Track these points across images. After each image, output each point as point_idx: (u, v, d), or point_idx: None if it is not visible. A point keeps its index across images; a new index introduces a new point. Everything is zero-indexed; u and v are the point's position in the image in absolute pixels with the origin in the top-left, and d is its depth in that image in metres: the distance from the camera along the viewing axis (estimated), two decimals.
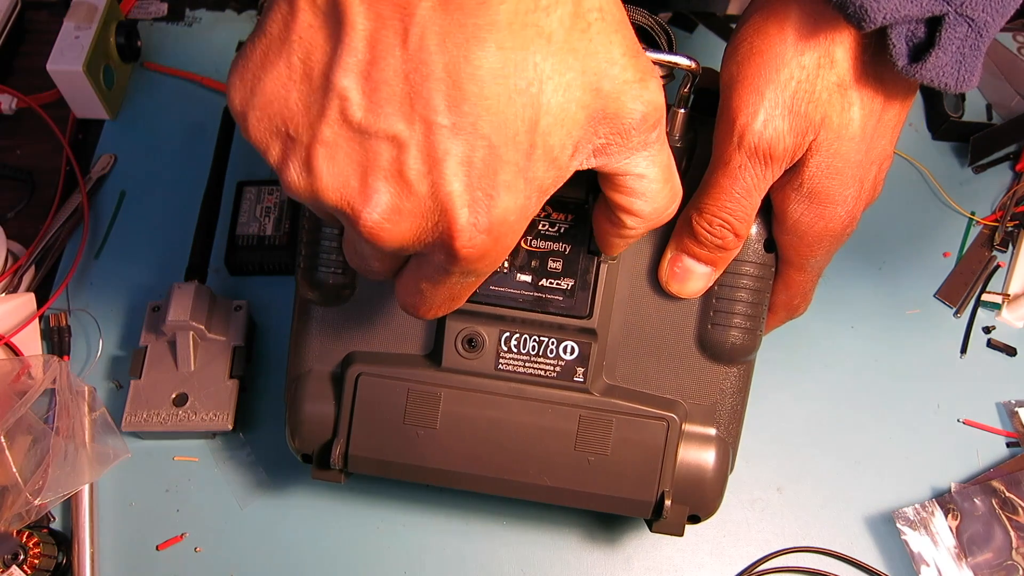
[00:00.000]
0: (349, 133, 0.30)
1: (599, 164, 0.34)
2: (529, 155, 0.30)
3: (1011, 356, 0.61)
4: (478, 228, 0.31)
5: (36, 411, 0.54)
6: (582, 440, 0.45)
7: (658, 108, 0.33)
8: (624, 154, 0.34)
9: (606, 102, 0.31)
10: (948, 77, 0.38)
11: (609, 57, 0.31)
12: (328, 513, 0.56)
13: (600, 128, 0.32)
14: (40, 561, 0.52)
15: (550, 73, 0.30)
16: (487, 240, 0.31)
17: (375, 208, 0.30)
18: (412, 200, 0.30)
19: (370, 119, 0.29)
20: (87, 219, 0.65)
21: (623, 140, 0.33)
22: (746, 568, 0.55)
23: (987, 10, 0.38)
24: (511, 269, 0.45)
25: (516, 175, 0.30)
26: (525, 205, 0.31)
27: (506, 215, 0.31)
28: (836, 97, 0.40)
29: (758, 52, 0.41)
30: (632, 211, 0.36)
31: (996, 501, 0.55)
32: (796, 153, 0.41)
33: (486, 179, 0.30)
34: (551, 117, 0.30)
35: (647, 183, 0.35)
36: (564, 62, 0.30)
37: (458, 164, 0.30)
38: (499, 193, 0.30)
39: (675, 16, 0.75)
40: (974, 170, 0.68)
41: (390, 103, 0.29)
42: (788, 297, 0.47)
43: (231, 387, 0.58)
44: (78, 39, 0.67)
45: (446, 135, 0.29)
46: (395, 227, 0.31)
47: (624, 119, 0.32)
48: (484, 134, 0.29)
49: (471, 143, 0.29)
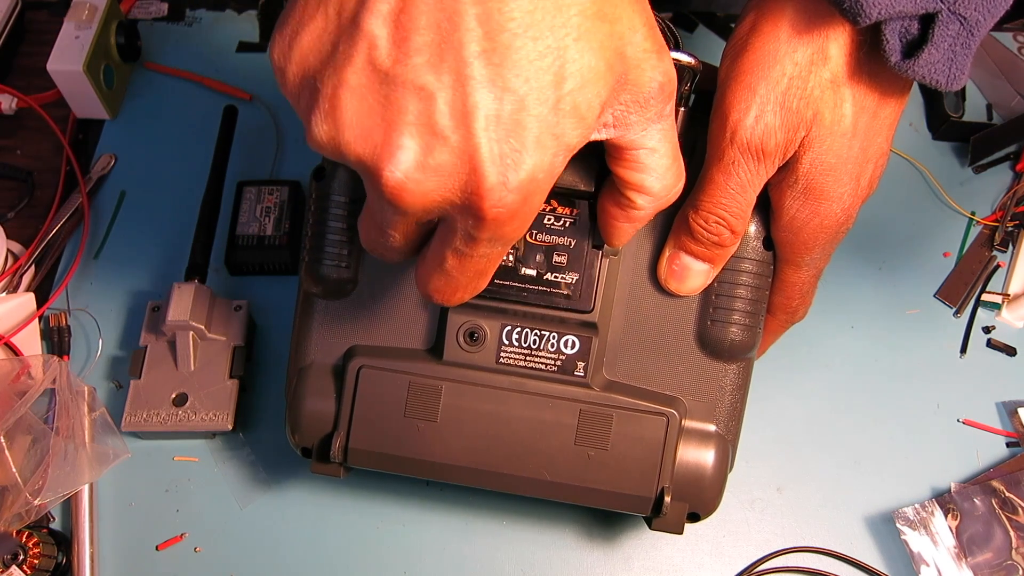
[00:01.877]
0: (376, 81, 0.29)
1: (617, 135, 0.34)
2: (557, 111, 0.30)
3: (1011, 356, 0.61)
4: (507, 187, 0.30)
5: (36, 411, 0.54)
6: (582, 434, 0.45)
7: (673, 80, 0.34)
8: (641, 124, 0.34)
9: (628, 68, 0.32)
10: (939, 74, 0.39)
11: (632, 24, 0.31)
12: (328, 513, 0.56)
13: (622, 94, 0.33)
14: (40, 561, 0.52)
15: (580, 32, 0.30)
16: (516, 199, 0.30)
17: (399, 164, 0.29)
18: (439, 156, 0.29)
19: (398, 68, 0.28)
20: (87, 219, 0.65)
21: (641, 109, 0.33)
22: (746, 568, 0.55)
23: (979, 9, 0.38)
24: (516, 263, 0.45)
25: (545, 132, 0.30)
26: (552, 163, 0.31)
27: (535, 173, 0.30)
28: (829, 93, 0.41)
29: (752, 49, 0.41)
30: (643, 188, 0.37)
31: (996, 501, 0.55)
32: (788, 149, 0.41)
33: (515, 135, 0.29)
34: (579, 76, 0.30)
35: (658, 158, 0.36)
36: (593, 23, 0.30)
37: (487, 118, 0.29)
38: (528, 150, 0.30)
39: (675, 16, 0.75)
40: (974, 170, 0.68)
41: (420, 52, 0.28)
42: (786, 297, 0.47)
43: (231, 387, 0.58)
44: (78, 39, 0.67)
45: (476, 87, 0.28)
46: (419, 186, 0.30)
47: (644, 87, 0.33)
48: (513, 88, 0.29)
49: (500, 97, 0.29)
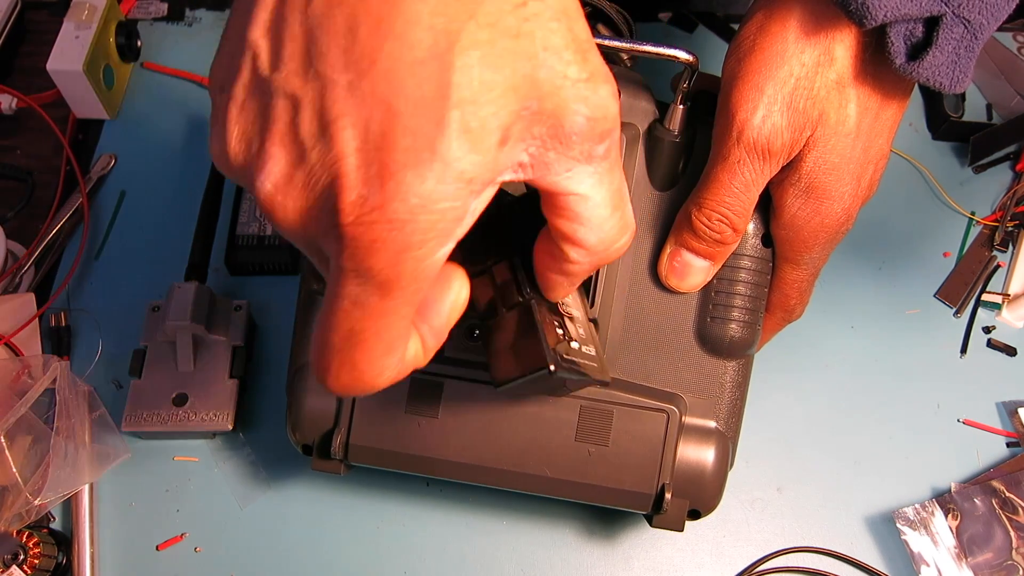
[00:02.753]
0: (257, 91, 0.27)
1: (536, 176, 0.29)
2: (441, 129, 0.26)
3: (1011, 356, 0.61)
4: (368, 204, 0.26)
5: (36, 411, 0.54)
6: (583, 431, 0.45)
7: (609, 117, 0.29)
8: (564, 165, 0.29)
9: (542, 96, 0.28)
10: (943, 77, 0.39)
11: (549, 43, 0.27)
12: (328, 513, 0.56)
13: (535, 126, 0.28)
14: (40, 561, 0.52)
15: (473, 42, 0.26)
16: (380, 224, 0.26)
17: (268, 176, 0.27)
18: (304, 168, 0.27)
19: (274, 75, 0.27)
20: (87, 219, 0.65)
21: (562, 147, 0.29)
22: (746, 568, 0.55)
23: (983, 13, 0.38)
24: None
25: (423, 150, 0.26)
26: (436, 191, 0.26)
27: (407, 195, 0.26)
28: (834, 94, 0.41)
29: (759, 49, 0.41)
30: (575, 240, 0.32)
31: (996, 501, 0.55)
32: (794, 148, 0.42)
33: (384, 150, 0.26)
34: (469, 90, 0.26)
35: (592, 207, 0.31)
36: (491, 34, 0.26)
37: (353, 128, 0.26)
38: (400, 168, 0.26)
39: (675, 16, 0.75)
40: (974, 170, 0.68)
41: (292, 59, 0.27)
42: (784, 296, 0.47)
43: (231, 387, 0.58)
44: (78, 39, 0.67)
45: (342, 95, 0.26)
46: (287, 199, 0.27)
47: (564, 121, 0.28)
48: (383, 97, 0.26)
49: (369, 106, 0.26)
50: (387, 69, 0.26)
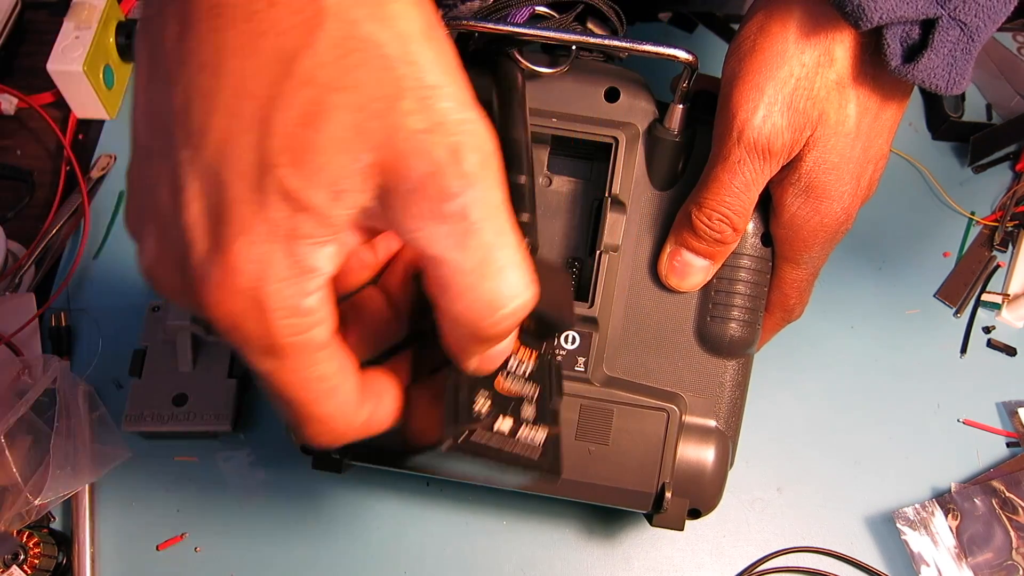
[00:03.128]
0: (142, 173, 0.29)
1: (393, 231, 0.27)
2: (260, 194, 0.25)
3: (1011, 356, 0.61)
4: (212, 278, 0.26)
5: (36, 411, 0.54)
6: (583, 430, 0.45)
7: (462, 173, 0.25)
8: (411, 224, 0.26)
9: (376, 147, 0.25)
10: (939, 79, 0.39)
11: (377, 93, 0.25)
12: (328, 513, 0.56)
13: (371, 179, 0.26)
14: (40, 561, 0.52)
15: (289, 104, 0.25)
16: (228, 293, 0.26)
17: (143, 252, 0.29)
18: (166, 242, 0.27)
19: (152, 155, 0.28)
20: (87, 219, 0.65)
21: (402, 203, 0.26)
22: (746, 568, 0.55)
23: (979, 15, 0.38)
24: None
25: (252, 217, 0.25)
26: (266, 255, 0.25)
27: (242, 263, 0.25)
28: (834, 94, 0.41)
29: (760, 49, 0.41)
30: (439, 307, 0.28)
31: (996, 501, 0.55)
32: (794, 148, 0.42)
33: (221, 220, 0.26)
34: (290, 154, 0.25)
35: (451, 273, 0.27)
36: (314, 94, 0.25)
37: (194, 199, 0.26)
38: (234, 237, 0.26)
39: (675, 16, 0.75)
40: (974, 170, 0.68)
41: (157, 138, 0.27)
42: (784, 295, 0.47)
43: (231, 387, 0.58)
44: (78, 39, 0.67)
45: (185, 168, 0.26)
46: (161, 273, 0.28)
47: (400, 176, 0.26)
48: (211, 166, 0.26)
49: (205, 176, 0.26)
50: (216, 140, 0.26)
